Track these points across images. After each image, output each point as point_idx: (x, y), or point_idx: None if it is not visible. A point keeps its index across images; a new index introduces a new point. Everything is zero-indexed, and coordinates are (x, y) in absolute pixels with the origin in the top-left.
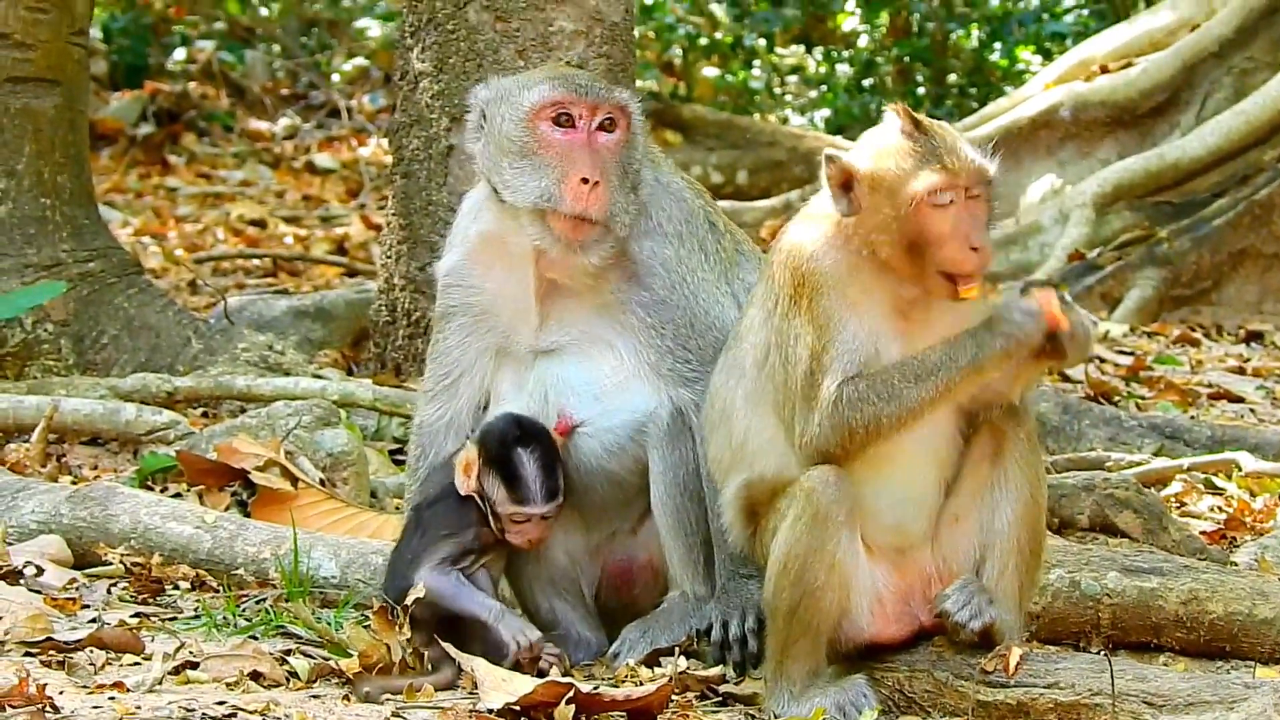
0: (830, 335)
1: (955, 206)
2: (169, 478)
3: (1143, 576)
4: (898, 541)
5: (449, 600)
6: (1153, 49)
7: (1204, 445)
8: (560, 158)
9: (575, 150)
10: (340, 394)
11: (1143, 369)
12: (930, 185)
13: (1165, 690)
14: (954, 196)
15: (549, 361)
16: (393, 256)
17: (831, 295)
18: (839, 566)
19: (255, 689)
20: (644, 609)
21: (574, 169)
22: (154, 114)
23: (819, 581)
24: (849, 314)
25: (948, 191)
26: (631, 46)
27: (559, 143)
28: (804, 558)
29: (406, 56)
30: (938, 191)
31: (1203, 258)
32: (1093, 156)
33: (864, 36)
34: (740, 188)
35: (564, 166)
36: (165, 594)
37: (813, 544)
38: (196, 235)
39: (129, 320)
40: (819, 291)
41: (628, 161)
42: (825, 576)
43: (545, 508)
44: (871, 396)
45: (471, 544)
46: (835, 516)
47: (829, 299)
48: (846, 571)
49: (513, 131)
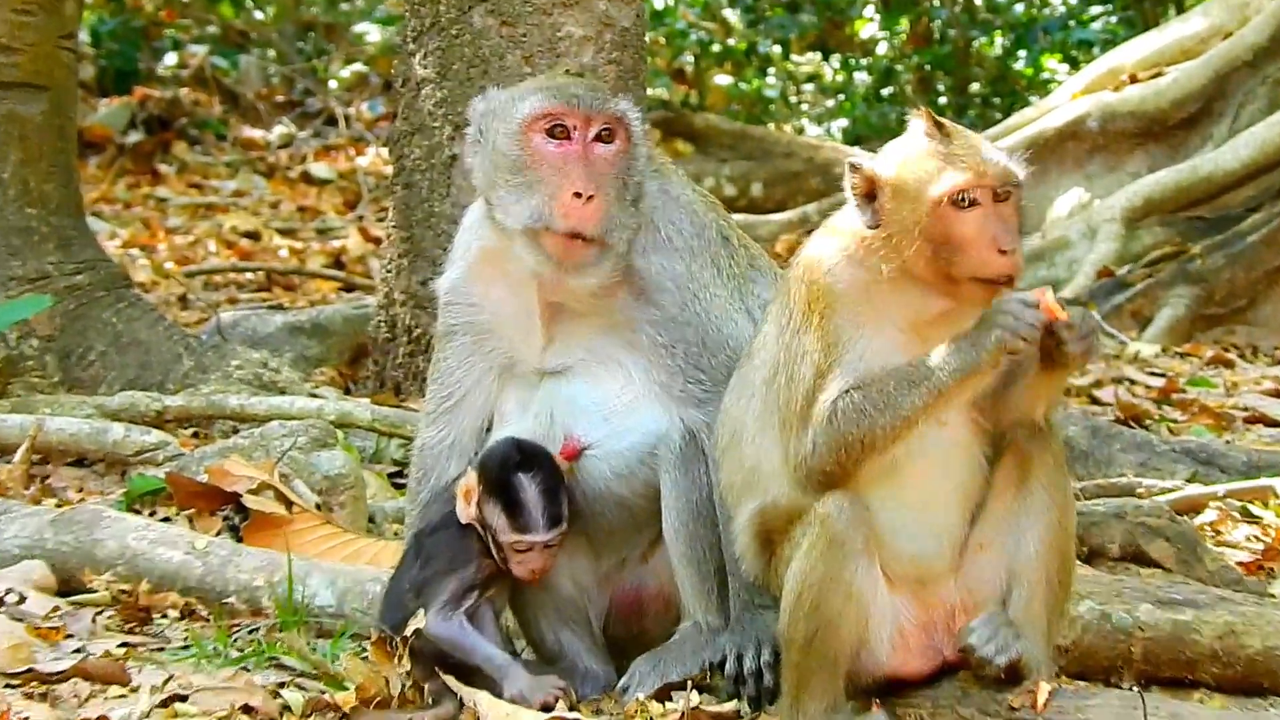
0: (837, 355)
1: (981, 209)
2: (158, 501)
3: (1177, 609)
4: (919, 572)
5: (455, 649)
6: (1184, 57)
7: (1240, 471)
8: (554, 172)
9: (569, 163)
10: (337, 414)
11: (1175, 391)
12: (954, 185)
13: None
14: (979, 198)
15: (555, 382)
16: (393, 270)
17: (844, 314)
18: (857, 596)
19: None
20: (655, 640)
21: (567, 183)
22: (144, 121)
23: (836, 612)
24: (859, 333)
25: (972, 192)
26: (642, 52)
27: (552, 156)
28: (819, 587)
29: (408, 62)
30: (961, 192)
31: (1237, 275)
32: (1122, 169)
33: (883, 43)
34: (754, 200)
35: (557, 181)
36: (153, 623)
37: (828, 573)
38: (188, 248)
39: (117, 336)
40: (832, 309)
41: (627, 173)
42: (842, 606)
43: (548, 535)
44: (867, 407)
45: (474, 578)
46: (851, 543)
47: (841, 317)
48: (865, 601)
49: (506, 146)
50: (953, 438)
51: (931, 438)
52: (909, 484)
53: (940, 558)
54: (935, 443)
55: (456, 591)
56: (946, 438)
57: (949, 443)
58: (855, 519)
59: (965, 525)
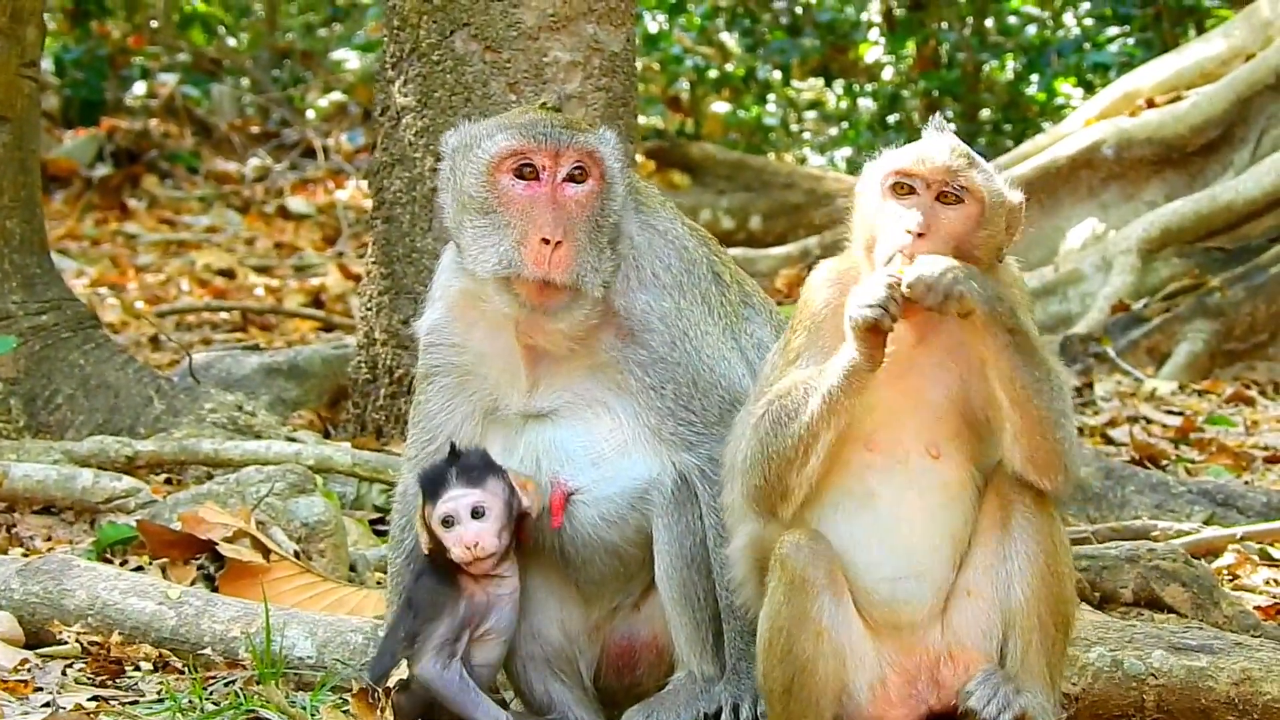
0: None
1: (915, 199)
2: (129, 549)
3: (1191, 655)
4: (899, 617)
5: (452, 702)
6: (1204, 81)
7: (1259, 513)
8: (521, 215)
9: (537, 206)
10: (316, 459)
11: (1193, 430)
12: (890, 166)
13: None
14: (916, 187)
15: (541, 425)
16: (373, 309)
17: (808, 334)
18: (827, 635)
19: None
20: (648, 691)
21: (534, 229)
22: (111, 154)
23: (808, 653)
24: (819, 357)
25: (909, 180)
26: (633, 78)
27: (520, 198)
28: (788, 630)
29: (388, 90)
30: (895, 174)
31: (1258, 308)
32: (1138, 198)
33: (889, 68)
34: (753, 234)
35: (524, 226)
36: (125, 675)
37: (794, 613)
38: (159, 286)
39: (85, 378)
40: (800, 326)
41: (601, 214)
42: (814, 646)
43: (462, 491)
44: (781, 416)
45: (465, 615)
46: (813, 580)
47: (804, 337)
48: (838, 640)
49: (473, 186)
50: (941, 477)
51: (914, 475)
52: (887, 523)
53: (922, 604)
54: (918, 481)
55: (448, 636)
56: (934, 477)
57: (935, 482)
58: (814, 555)
59: (951, 570)
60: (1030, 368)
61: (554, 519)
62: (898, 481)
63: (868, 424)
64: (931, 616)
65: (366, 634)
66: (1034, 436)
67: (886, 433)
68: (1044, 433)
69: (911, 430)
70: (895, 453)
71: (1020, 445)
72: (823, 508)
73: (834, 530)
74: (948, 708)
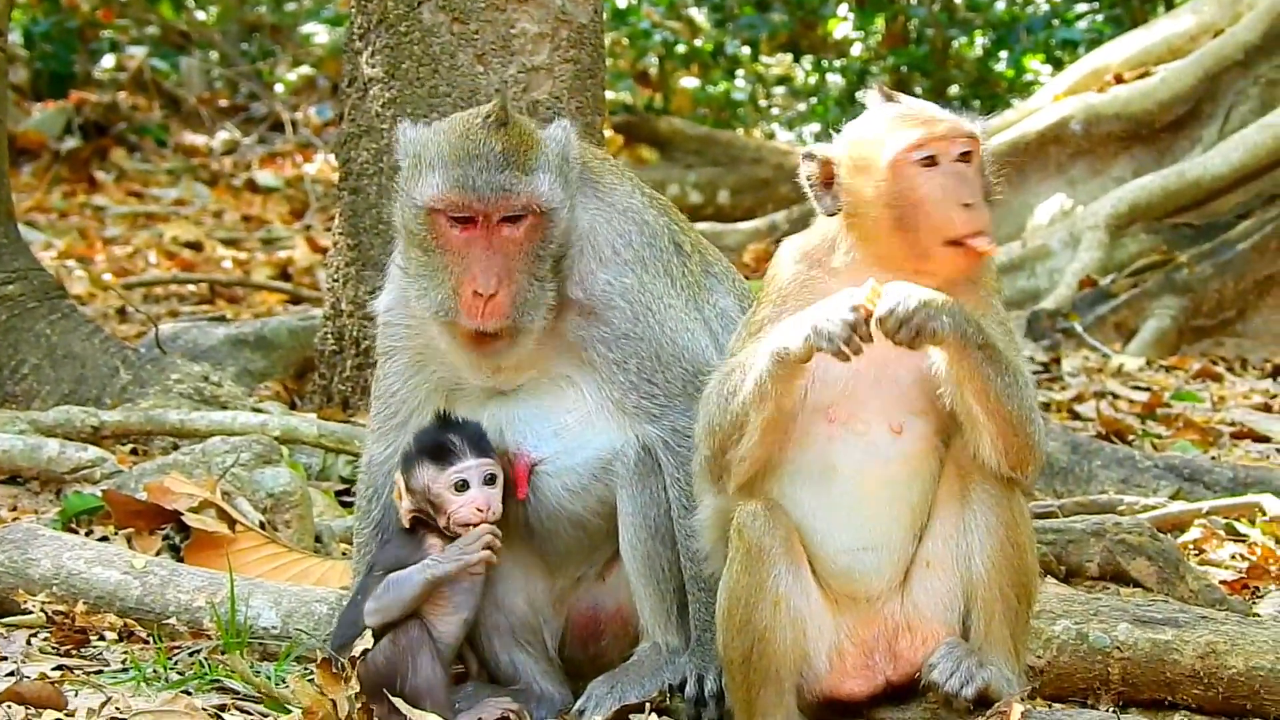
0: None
1: (940, 168)
2: (95, 519)
3: (1156, 628)
4: (859, 590)
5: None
6: (1172, 57)
7: (1225, 488)
8: (457, 262)
9: (472, 256)
10: (282, 429)
11: (1160, 406)
12: (908, 141)
13: None
14: (937, 154)
15: (504, 400)
16: (340, 280)
17: (773, 307)
18: (784, 603)
19: None
20: (613, 662)
21: (468, 280)
22: (80, 127)
23: (766, 622)
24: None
25: (928, 148)
26: (601, 50)
27: (456, 243)
28: (746, 599)
29: (355, 61)
30: (917, 148)
31: (1226, 285)
32: (1106, 174)
33: (857, 44)
34: (721, 208)
35: (460, 274)
36: (90, 645)
37: (752, 583)
38: (126, 259)
39: (51, 348)
40: (766, 300)
41: (542, 245)
42: (772, 615)
43: (478, 460)
44: (725, 389)
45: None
46: (769, 549)
47: (769, 310)
48: (796, 609)
49: (411, 220)
50: (902, 450)
51: (871, 447)
52: (846, 495)
53: (880, 577)
54: (879, 454)
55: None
56: (895, 450)
57: (896, 455)
58: (771, 525)
59: (911, 542)
60: (1001, 375)
61: (519, 490)
62: (858, 454)
63: (828, 397)
64: (891, 588)
65: (331, 604)
66: (1009, 438)
67: (847, 406)
68: (1017, 432)
69: (874, 405)
70: (856, 426)
71: (997, 448)
72: (783, 479)
73: (794, 501)
74: (905, 679)
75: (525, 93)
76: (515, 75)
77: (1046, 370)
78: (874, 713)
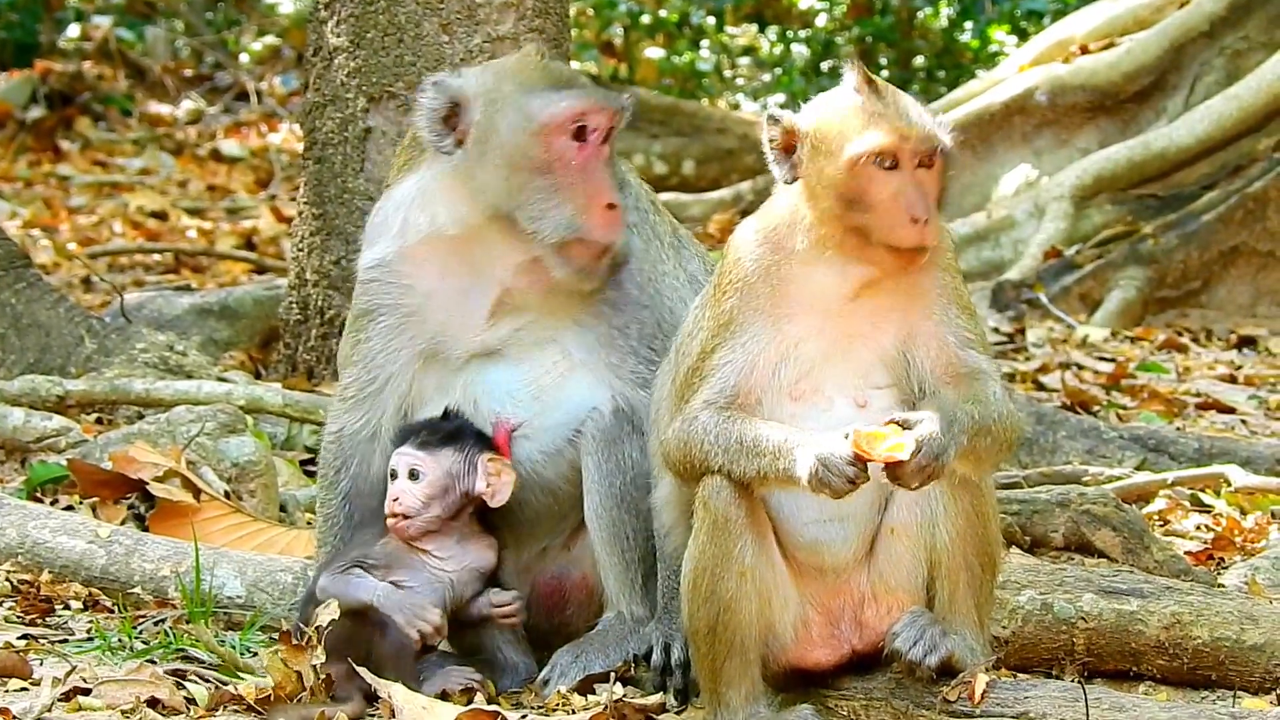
0: (723, 338)
1: (901, 174)
2: (60, 489)
3: (1121, 599)
4: (823, 561)
5: (341, 595)
6: (1137, 27)
7: (1190, 459)
8: (582, 179)
9: (595, 171)
10: (247, 399)
11: (1125, 377)
12: (872, 146)
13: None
14: (899, 162)
15: (481, 364)
16: (304, 249)
17: (744, 295)
18: (751, 574)
19: (153, 716)
20: (578, 631)
21: (599, 194)
22: (45, 96)
23: (731, 593)
24: (755, 317)
25: (892, 154)
26: (566, 20)
27: (578, 162)
28: (712, 570)
29: (320, 30)
30: (880, 154)
31: (1191, 256)
32: (1072, 145)
33: (822, 15)
34: (686, 179)
35: (587, 191)
36: (55, 614)
37: (718, 554)
38: (91, 228)
39: (16, 318)
40: (734, 287)
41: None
42: (738, 586)
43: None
44: (713, 441)
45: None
46: (735, 520)
47: (740, 298)
48: (762, 580)
49: (523, 145)
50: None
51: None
52: None
53: (845, 547)
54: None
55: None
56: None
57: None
58: (735, 496)
59: (876, 512)
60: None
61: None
62: (819, 429)
63: (794, 376)
64: (857, 559)
65: (296, 574)
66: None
67: (813, 383)
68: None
69: (839, 382)
70: (820, 402)
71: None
72: None
73: None
74: (871, 648)
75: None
76: (480, 44)
77: (1011, 341)
78: (839, 682)
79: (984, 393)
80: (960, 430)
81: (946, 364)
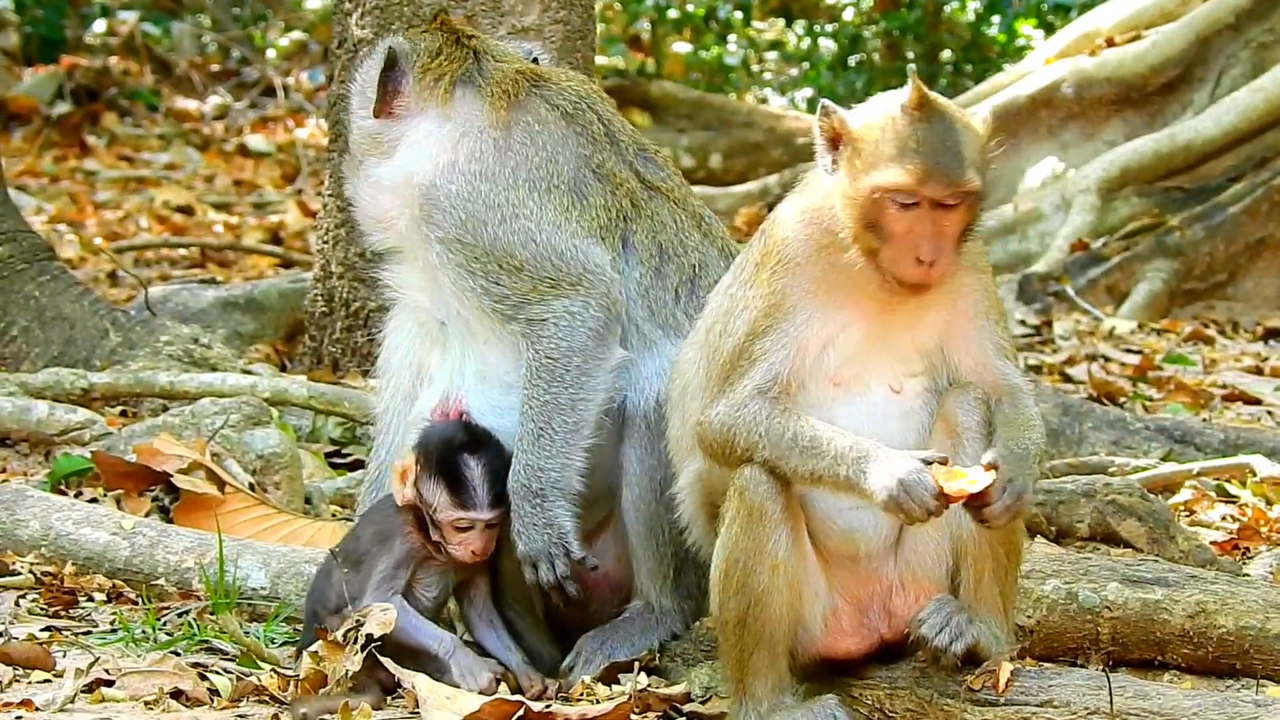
0: (774, 320)
1: (918, 211)
2: (84, 481)
3: (1146, 588)
4: (853, 549)
5: (399, 632)
6: (1164, 20)
7: (1216, 450)
8: None
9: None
10: (272, 391)
11: (1151, 368)
12: (892, 183)
13: (1169, 709)
14: (920, 201)
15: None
16: (329, 242)
17: (794, 275)
18: (783, 568)
19: (176, 708)
20: (600, 621)
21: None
22: (71, 91)
23: (763, 585)
24: (804, 299)
25: (910, 195)
26: (591, 13)
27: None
28: (744, 561)
29: (345, 23)
30: (898, 191)
31: (1217, 248)
32: (1098, 138)
33: (850, 9)
34: (713, 172)
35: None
36: (79, 606)
37: (751, 545)
38: (117, 223)
39: (41, 310)
40: (782, 266)
41: None
42: (769, 579)
43: (490, 514)
44: (764, 432)
45: (401, 555)
46: (770, 513)
47: (791, 277)
48: (793, 573)
49: None
50: (900, 409)
51: (871, 406)
52: None
53: (875, 535)
54: (878, 412)
55: (387, 571)
56: (894, 409)
57: (894, 413)
58: (772, 488)
59: None
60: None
61: None
62: (857, 413)
63: (836, 364)
64: (885, 546)
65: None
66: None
67: (852, 370)
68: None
69: (877, 370)
70: (857, 388)
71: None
72: None
73: None
74: (900, 637)
75: None
76: (505, 36)
77: (1038, 333)
78: (863, 670)
79: (1030, 413)
80: (1034, 461)
81: (982, 371)
